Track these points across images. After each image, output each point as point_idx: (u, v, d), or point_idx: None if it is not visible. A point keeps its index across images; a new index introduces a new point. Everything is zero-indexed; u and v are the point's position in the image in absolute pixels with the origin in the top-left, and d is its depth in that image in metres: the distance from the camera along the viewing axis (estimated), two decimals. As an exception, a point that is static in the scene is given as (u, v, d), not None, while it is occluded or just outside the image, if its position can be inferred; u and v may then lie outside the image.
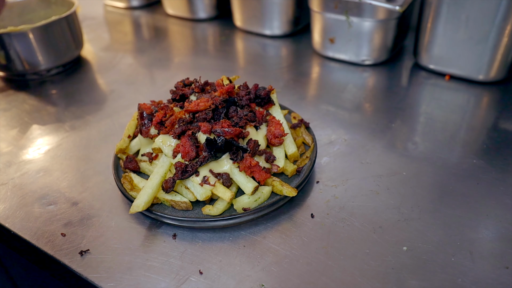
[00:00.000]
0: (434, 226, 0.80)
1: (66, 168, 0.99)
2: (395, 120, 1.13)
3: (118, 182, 0.87)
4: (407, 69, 1.40)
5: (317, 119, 1.14)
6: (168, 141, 0.84)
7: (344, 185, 0.91)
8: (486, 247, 0.76)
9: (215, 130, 0.81)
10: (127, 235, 0.81)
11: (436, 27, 1.23)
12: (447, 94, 1.23)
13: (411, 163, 0.96)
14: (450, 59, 1.26)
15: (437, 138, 1.05)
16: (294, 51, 1.57)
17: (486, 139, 1.04)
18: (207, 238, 0.80)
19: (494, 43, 1.16)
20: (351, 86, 1.31)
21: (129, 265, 0.75)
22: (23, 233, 0.83)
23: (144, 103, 0.93)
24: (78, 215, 0.86)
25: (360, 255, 0.75)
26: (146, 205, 0.79)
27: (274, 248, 0.77)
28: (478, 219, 0.81)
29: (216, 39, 1.70)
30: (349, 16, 1.32)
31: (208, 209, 0.80)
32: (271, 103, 0.96)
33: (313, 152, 0.92)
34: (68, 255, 0.77)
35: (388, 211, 0.84)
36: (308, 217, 0.83)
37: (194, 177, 0.81)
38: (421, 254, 0.75)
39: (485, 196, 0.86)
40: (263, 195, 0.81)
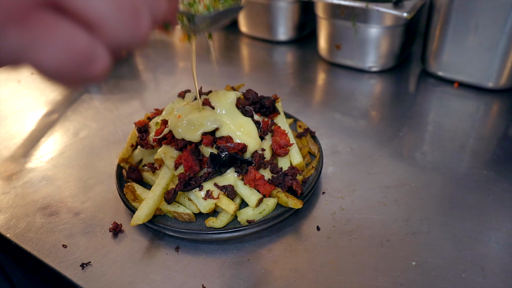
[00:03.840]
0: (443, 240, 0.78)
1: (69, 177, 0.98)
2: (402, 129, 1.11)
3: (120, 192, 0.86)
4: (414, 76, 1.38)
5: (323, 127, 1.12)
6: (170, 153, 0.83)
7: (350, 196, 0.89)
8: (498, 262, 0.73)
9: (218, 146, 0.79)
10: (129, 247, 0.80)
11: (445, 33, 1.21)
12: (455, 102, 1.21)
13: (419, 174, 0.94)
14: (459, 66, 1.24)
15: (446, 147, 1.02)
16: (299, 57, 1.56)
17: (497, 149, 1.01)
18: (211, 250, 0.78)
19: (504, 50, 1.14)
20: (357, 93, 1.29)
21: (131, 278, 0.74)
22: (24, 244, 0.81)
23: (138, 120, 0.94)
24: (80, 225, 0.85)
25: (368, 270, 0.73)
26: (147, 217, 0.77)
27: (279, 262, 0.75)
28: (489, 233, 0.79)
29: (221, 45, 1.69)
30: (356, 23, 1.30)
31: (212, 221, 0.78)
32: (276, 112, 0.95)
33: (319, 162, 0.91)
34: (70, 268, 0.76)
35: (396, 224, 0.82)
36: (314, 229, 0.81)
37: (198, 191, 0.80)
38: (430, 269, 0.72)
39: (496, 208, 0.84)
40: (267, 207, 0.79)
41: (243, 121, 0.85)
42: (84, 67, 0.30)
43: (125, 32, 0.32)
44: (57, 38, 0.28)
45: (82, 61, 0.30)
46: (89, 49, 0.30)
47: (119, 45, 0.32)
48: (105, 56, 0.31)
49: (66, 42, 0.28)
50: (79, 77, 0.31)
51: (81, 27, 0.29)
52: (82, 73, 0.30)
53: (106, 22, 0.30)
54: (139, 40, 0.33)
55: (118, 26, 0.31)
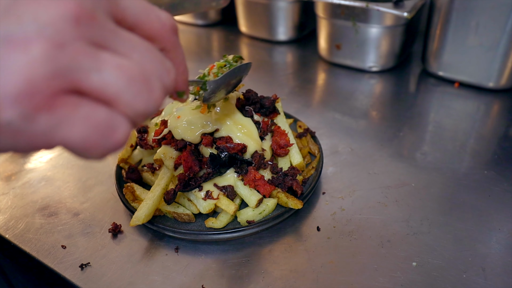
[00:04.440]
0: (444, 240, 0.77)
1: (68, 177, 0.98)
2: (403, 129, 1.10)
3: (120, 193, 0.86)
4: (415, 76, 1.37)
5: (323, 127, 1.12)
6: (169, 153, 0.82)
7: (351, 196, 0.88)
8: (499, 263, 0.73)
9: (218, 146, 0.79)
10: (128, 247, 0.80)
11: (445, 33, 1.21)
12: (456, 102, 1.21)
13: (419, 174, 0.94)
14: (460, 66, 1.24)
15: (447, 147, 1.02)
16: (299, 57, 1.55)
17: (497, 149, 1.01)
18: (210, 251, 0.78)
19: (504, 50, 1.13)
20: (357, 93, 1.28)
21: (131, 279, 0.73)
22: (23, 245, 0.81)
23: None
24: (79, 226, 0.85)
25: (368, 271, 0.72)
26: (147, 218, 0.77)
27: (279, 263, 0.75)
28: (490, 233, 0.79)
29: (221, 45, 1.69)
30: (356, 22, 1.30)
31: (212, 222, 0.78)
32: (276, 112, 0.94)
33: (319, 162, 0.90)
34: (69, 269, 0.76)
35: (396, 224, 0.81)
36: (314, 230, 0.81)
37: (197, 192, 0.79)
38: (431, 270, 0.72)
39: (497, 208, 0.84)
40: (267, 208, 0.79)
41: (243, 121, 0.84)
42: (106, 136, 0.34)
43: (140, 101, 0.35)
44: (80, 115, 0.32)
45: (104, 131, 0.33)
46: (109, 121, 0.33)
47: (136, 113, 0.35)
48: (124, 124, 0.35)
49: (87, 118, 0.32)
50: (103, 148, 0.34)
51: (100, 103, 0.33)
52: (106, 143, 0.34)
53: (121, 95, 0.33)
54: (154, 106, 0.36)
55: (132, 96, 0.34)
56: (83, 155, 0.35)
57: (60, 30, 0.30)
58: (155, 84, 0.36)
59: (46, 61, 0.29)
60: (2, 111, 0.29)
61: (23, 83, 0.29)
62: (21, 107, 0.29)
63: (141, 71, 0.35)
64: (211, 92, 0.72)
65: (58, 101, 0.31)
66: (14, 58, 0.29)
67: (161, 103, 0.38)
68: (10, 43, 0.29)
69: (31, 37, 0.29)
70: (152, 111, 0.36)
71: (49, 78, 0.30)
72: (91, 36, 0.32)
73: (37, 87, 0.29)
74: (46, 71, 0.29)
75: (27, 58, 0.29)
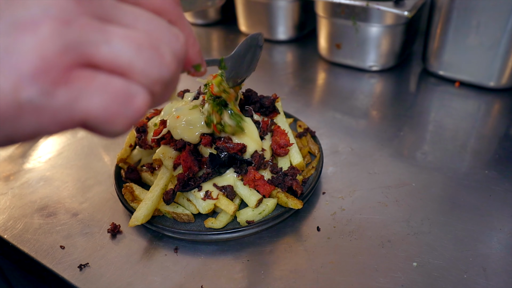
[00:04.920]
0: (445, 240, 0.77)
1: (67, 178, 0.98)
2: (403, 128, 1.10)
3: (119, 193, 0.85)
4: (415, 75, 1.37)
5: (323, 126, 1.11)
6: (168, 153, 0.82)
7: (351, 196, 0.88)
8: (500, 263, 0.72)
9: (217, 147, 0.79)
10: (127, 248, 0.79)
11: (446, 32, 1.20)
12: (457, 101, 1.20)
13: (420, 174, 0.93)
14: (460, 65, 1.23)
15: (447, 147, 1.02)
16: (299, 56, 1.55)
17: (498, 149, 1.00)
18: (210, 251, 0.78)
19: (505, 49, 1.13)
20: (358, 92, 1.28)
21: (129, 279, 0.73)
22: (22, 245, 0.81)
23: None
24: (78, 226, 0.84)
25: (368, 271, 0.72)
26: (146, 218, 0.76)
27: (279, 263, 0.74)
28: (491, 233, 0.78)
29: (221, 44, 1.69)
30: (356, 21, 1.29)
31: (211, 222, 0.78)
32: (276, 112, 0.94)
33: (319, 162, 0.90)
34: (67, 269, 0.75)
35: (397, 224, 0.81)
36: (314, 230, 0.81)
37: (197, 192, 0.79)
38: (432, 270, 0.72)
39: (498, 208, 0.83)
40: (267, 208, 0.79)
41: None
42: (126, 104, 0.34)
43: (152, 67, 0.35)
44: (97, 86, 0.33)
45: (123, 100, 0.34)
46: (126, 89, 0.34)
47: (151, 80, 0.36)
48: (142, 92, 0.35)
49: (105, 88, 0.33)
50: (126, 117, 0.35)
51: (115, 74, 0.34)
52: (127, 111, 0.35)
53: (133, 64, 0.34)
54: (168, 72, 0.37)
55: (143, 64, 0.35)
56: (108, 128, 0.35)
57: (64, 9, 0.31)
58: (165, 50, 0.36)
59: (56, 38, 0.31)
60: (22, 89, 0.30)
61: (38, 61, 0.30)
62: (39, 83, 0.30)
63: (148, 38, 0.35)
64: (232, 70, 0.70)
65: (73, 75, 0.32)
66: (26, 40, 0.30)
67: (175, 70, 0.38)
68: (19, 27, 0.30)
69: (38, 19, 0.31)
70: (167, 77, 0.37)
71: (61, 53, 0.31)
72: (94, 11, 0.33)
73: (51, 63, 0.31)
74: (57, 47, 0.31)
75: (37, 38, 0.30)
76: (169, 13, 0.42)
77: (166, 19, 0.41)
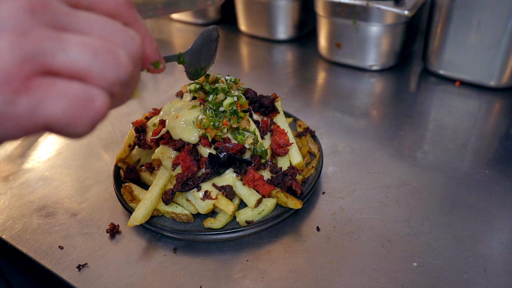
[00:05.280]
0: (445, 240, 0.77)
1: (66, 178, 0.97)
2: (403, 128, 1.09)
3: (117, 193, 0.85)
4: (416, 74, 1.36)
5: (323, 126, 1.11)
6: (167, 153, 0.82)
7: (351, 196, 0.87)
8: (501, 263, 0.72)
9: (217, 147, 0.78)
10: (126, 248, 0.79)
11: (446, 31, 1.20)
12: (457, 101, 1.20)
13: (420, 173, 0.93)
14: (461, 65, 1.23)
15: (448, 146, 1.01)
16: (299, 56, 1.54)
17: (499, 148, 1.00)
18: (209, 251, 0.77)
19: (506, 48, 1.12)
20: (358, 92, 1.28)
21: (128, 280, 0.73)
22: (21, 246, 0.80)
23: (136, 120, 0.92)
24: (77, 226, 0.84)
25: (368, 271, 0.72)
26: (145, 218, 0.76)
27: (279, 263, 0.74)
28: (492, 233, 0.78)
29: (221, 44, 1.68)
30: (356, 21, 1.29)
31: (210, 222, 0.77)
32: (276, 111, 0.93)
33: (319, 161, 0.90)
34: (66, 269, 0.75)
35: (397, 224, 0.80)
36: (314, 230, 0.80)
37: (196, 192, 0.78)
38: (432, 270, 0.71)
39: (499, 208, 0.83)
40: (267, 208, 0.78)
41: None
42: (86, 107, 0.36)
43: (109, 70, 0.37)
44: (56, 92, 0.34)
45: (83, 103, 0.36)
46: (85, 93, 0.36)
47: (109, 82, 0.37)
48: (101, 94, 0.37)
49: (64, 93, 0.35)
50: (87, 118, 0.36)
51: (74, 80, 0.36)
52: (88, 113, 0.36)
53: (90, 68, 0.36)
54: (125, 73, 0.38)
55: (100, 68, 0.36)
56: (71, 131, 0.36)
57: (19, 21, 0.33)
58: (120, 52, 0.38)
59: (13, 49, 0.32)
60: None
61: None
62: (1, 94, 0.32)
63: (103, 43, 0.37)
64: (190, 64, 0.73)
65: (33, 83, 0.34)
66: None
67: (132, 71, 0.39)
68: None
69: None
70: (125, 78, 0.38)
71: (20, 64, 0.33)
72: (49, 21, 0.35)
73: (11, 74, 0.32)
74: (15, 58, 0.32)
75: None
76: (123, 15, 0.43)
77: (121, 21, 0.43)
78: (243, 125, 0.80)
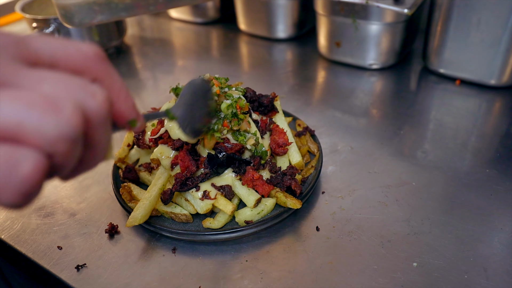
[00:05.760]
0: (445, 240, 0.76)
1: (65, 177, 0.97)
2: (403, 127, 1.09)
3: (116, 193, 0.84)
4: (416, 73, 1.36)
5: (323, 125, 1.10)
6: (166, 153, 0.81)
7: (350, 196, 0.87)
8: (501, 263, 0.72)
9: (216, 147, 0.78)
10: (125, 248, 0.79)
11: (446, 30, 1.19)
12: (457, 100, 1.19)
13: (420, 173, 0.93)
14: (461, 63, 1.22)
15: (448, 146, 1.01)
16: (299, 55, 1.54)
17: (500, 147, 0.99)
18: (208, 252, 0.77)
19: (506, 47, 1.12)
20: (358, 91, 1.27)
21: (127, 280, 0.72)
22: (19, 246, 0.80)
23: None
24: (75, 227, 0.84)
25: (368, 271, 0.71)
26: (144, 218, 0.76)
27: (278, 263, 0.74)
28: (492, 233, 0.77)
29: (220, 43, 1.68)
30: (356, 19, 1.28)
31: (209, 222, 0.77)
32: (275, 110, 0.93)
33: (318, 161, 0.89)
34: (65, 270, 0.75)
35: (397, 224, 0.80)
36: (313, 230, 0.80)
37: (194, 192, 0.78)
38: (432, 270, 0.71)
39: (499, 208, 0.82)
40: (266, 208, 0.78)
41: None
42: (9, 174, 0.30)
43: (46, 123, 0.31)
44: None
45: (4, 169, 0.30)
46: (8, 156, 0.30)
47: (46, 137, 0.31)
48: (31, 156, 0.31)
49: None
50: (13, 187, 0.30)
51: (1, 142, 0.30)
52: (12, 180, 0.30)
53: (21, 123, 0.30)
54: (67, 127, 0.32)
55: (35, 120, 0.31)
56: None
57: None
58: (64, 104, 0.32)
59: None
60: None
61: None
62: None
63: (44, 97, 0.32)
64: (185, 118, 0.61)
65: None
66: None
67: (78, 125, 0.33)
68: None
69: None
70: (69, 133, 0.32)
71: None
72: None
73: None
74: None
75: None
76: (93, 70, 0.40)
77: (89, 78, 0.39)
78: (243, 127, 0.80)
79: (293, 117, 1.05)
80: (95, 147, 0.37)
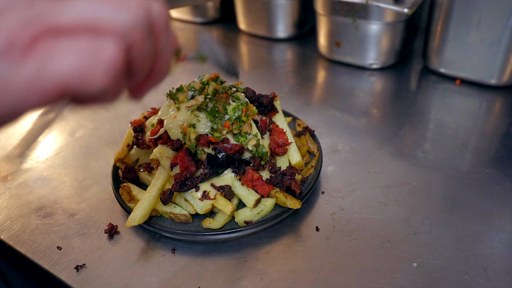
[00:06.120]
0: (445, 240, 0.76)
1: (64, 178, 0.97)
2: (403, 127, 1.09)
3: (116, 193, 0.84)
4: (416, 73, 1.36)
5: (323, 125, 1.10)
6: (166, 153, 0.81)
7: (350, 196, 0.87)
8: (502, 263, 0.72)
9: (215, 147, 0.78)
10: (124, 248, 0.78)
11: (447, 29, 1.19)
12: (458, 99, 1.19)
13: (420, 173, 0.92)
14: (461, 63, 1.22)
15: (448, 145, 1.01)
16: (299, 54, 1.54)
17: (500, 147, 0.99)
18: (207, 252, 0.77)
19: (507, 46, 1.12)
20: (358, 91, 1.27)
21: (126, 280, 0.72)
22: (19, 246, 0.80)
23: (134, 120, 0.92)
24: (75, 227, 0.84)
25: (368, 271, 0.71)
26: (143, 219, 0.76)
27: (278, 264, 0.74)
28: (492, 233, 0.77)
29: (220, 43, 1.68)
30: (356, 19, 1.28)
31: (209, 223, 0.77)
32: (275, 110, 0.93)
33: (318, 161, 0.89)
34: (64, 270, 0.75)
35: (397, 224, 0.80)
36: (313, 230, 0.80)
37: (194, 192, 0.78)
38: (432, 271, 0.71)
39: (499, 208, 0.82)
40: (265, 208, 0.78)
41: (240, 120, 0.83)
42: (95, 58, 0.34)
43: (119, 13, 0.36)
44: (61, 49, 0.33)
45: (89, 54, 0.34)
46: (91, 43, 0.34)
47: (122, 26, 0.36)
48: (110, 42, 0.35)
49: (69, 48, 0.34)
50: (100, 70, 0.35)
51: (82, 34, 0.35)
52: (99, 63, 0.35)
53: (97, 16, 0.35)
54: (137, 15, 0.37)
55: (107, 12, 0.35)
56: (88, 88, 0.35)
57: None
58: (132, 2, 0.37)
59: (19, 16, 0.33)
60: None
61: (2, 39, 0.32)
62: (5, 58, 0.32)
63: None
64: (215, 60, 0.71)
65: (38, 45, 0.33)
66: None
67: (146, 16, 0.38)
68: None
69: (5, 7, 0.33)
70: (139, 21, 0.37)
71: (24, 28, 0.33)
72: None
73: (15, 37, 0.32)
74: (18, 23, 0.33)
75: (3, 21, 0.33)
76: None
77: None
78: (244, 129, 0.79)
79: (293, 117, 1.05)
80: (161, 54, 0.41)
